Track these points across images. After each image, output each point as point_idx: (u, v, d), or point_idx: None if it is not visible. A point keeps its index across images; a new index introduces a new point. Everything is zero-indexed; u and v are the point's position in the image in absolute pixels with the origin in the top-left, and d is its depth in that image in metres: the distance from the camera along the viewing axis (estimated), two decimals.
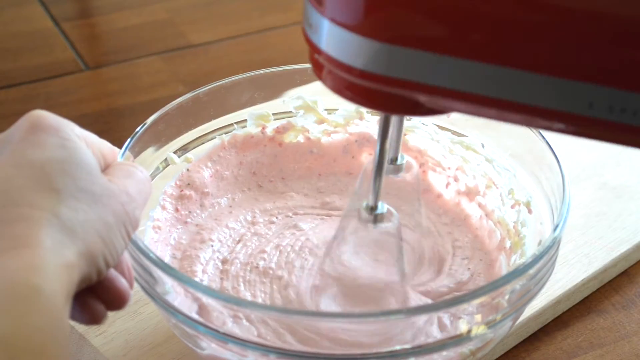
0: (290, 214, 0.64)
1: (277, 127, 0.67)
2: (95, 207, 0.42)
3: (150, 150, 0.61)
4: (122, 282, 0.46)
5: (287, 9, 1.07)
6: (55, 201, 0.41)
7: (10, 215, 0.40)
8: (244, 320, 0.51)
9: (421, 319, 0.52)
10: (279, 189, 0.67)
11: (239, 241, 0.61)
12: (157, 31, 1.02)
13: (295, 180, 0.68)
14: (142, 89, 0.91)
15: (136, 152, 0.58)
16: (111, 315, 0.60)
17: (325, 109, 0.68)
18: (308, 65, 0.67)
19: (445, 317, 0.52)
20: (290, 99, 0.67)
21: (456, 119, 0.67)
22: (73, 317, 0.44)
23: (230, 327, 0.51)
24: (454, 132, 0.66)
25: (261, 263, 0.59)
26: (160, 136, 0.61)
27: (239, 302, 0.52)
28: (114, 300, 0.46)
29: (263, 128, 0.67)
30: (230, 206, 0.65)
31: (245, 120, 0.67)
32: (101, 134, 0.84)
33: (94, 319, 0.45)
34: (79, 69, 0.95)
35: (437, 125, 0.67)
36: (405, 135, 0.67)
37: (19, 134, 0.43)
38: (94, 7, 1.09)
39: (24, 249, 0.38)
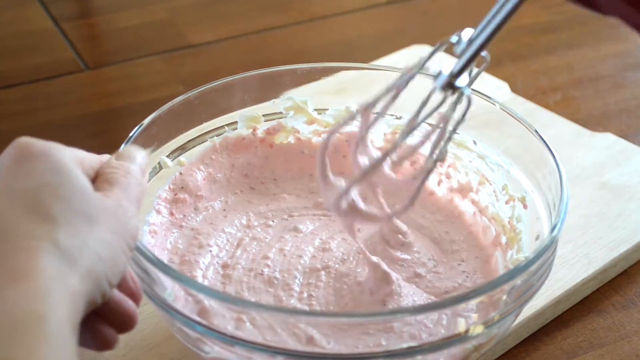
0: (285, 217, 0.64)
1: (268, 129, 0.67)
2: (92, 228, 0.42)
3: None
4: (129, 303, 0.45)
5: (287, 9, 1.07)
6: (51, 228, 0.40)
7: (8, 248, 0.39)
8: (248, 324, 0.51)
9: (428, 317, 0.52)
10: (271, 190, 0.67)
11: (237, 246, 0.61)
12: (157, 31, 1.02)
13: (287, 181, 0.68)
14: (142, 89, 0.91)
15: None
16: None
17: (315, 110, 0.68)
18: (300, 66, 0.68)
19: (449, 314, 0.52)
20: (280, 100, 0.67)
21: (452, 118, 0.66)
22: (84, 344, 0.44)
23: (233, 331, 0.51)
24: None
25: (266, 270, 0.59)
26: (153, 139, 0.61)
27: (245, 304, 0.52)
28: (123, 321, 0.45)
29: (254, 130, 0.67)
30: (225, 209, 0.65)
31: (236, 122, 0.67)
32: (101, 134, 0.86)
33: (105, 344, 0.45)
34: (79, 69, 0.95)
35: (427, 124, 0.67)
36: (395, 134, 0.68)
37: (7, 163, 0.43)
38: (94, 7, 1.09)
39: (26, 280, 0.38)
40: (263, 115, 0.67)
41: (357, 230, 0.63)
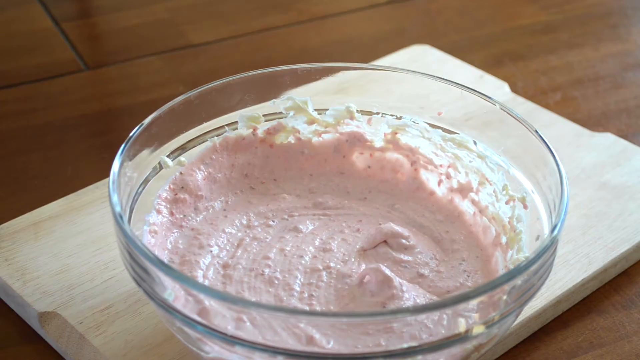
0: (285, 217, 0.64)
1: (268, 129, 0.67)
2: None
3: (144, 153, 0.61)
4: None
5: (287, 9, 1.07)
6: None
7: None
8: (248, 324, 0.51)
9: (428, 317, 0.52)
10: (271, 190, 0.67)
11: (238, 246, 0.61)
12: (157, 31, 1.02)
13: (287, 181, 0.68)
14: (142, 89, 0.91)
15: (131, 155, 0.59)
16: (111, 315, 0.60)
17: (316, 109, 0.68)
18: (300, 66, 0.68)
19: (449, 314, 0.52)
20: (280, 99, 0.67)
21: (452, 118, 0.67)
22: None
23: (233, 331, 0.50)
24: (445, 130, 0.67)
25: (266, 270, 0.59)
26: (153, 139, 0.61)
27: (245, 303, 0.51)
28: None
29: (254, 130, 0.67)
30: (225, 209, 0.65)
31: (236, 122, 0.67)
32: (101, 134, 0.86)
33: None
34: (79, 69, 0.95)
35: (427, 123, 0.67)
36: (395, 134, 0.68)
37: None
38: (94, 7, 1.09)
39: None
40: (263, 115, 0.67)
41: (357, 231, 0.63)
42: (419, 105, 0.67)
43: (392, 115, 0.68)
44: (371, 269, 0.57)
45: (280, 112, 0.68)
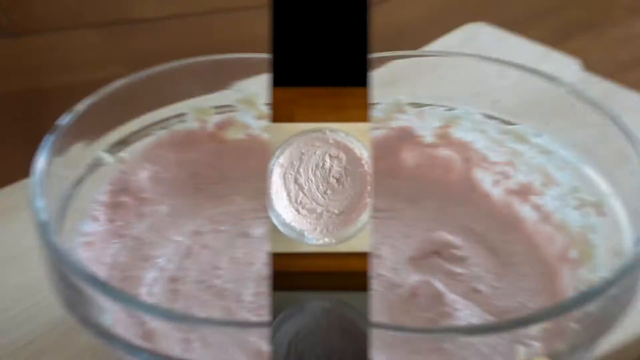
0: (237, 221, 0.67)
1: (218, 123, 0.70)
2: None
3: (77, 147, 0.62)
4: None
5: None
6: None
7: None
8: (197, 343, 0.53)
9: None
10: (221, 191, 0.69)
11: (186, 255, 0.64)
12: None
13: (238, 181, 0.70)
14: (72, 67, 0.93)
15: (60, 149, 0.60)
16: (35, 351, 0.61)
17: (266, 104, 0.70)
18: (255, 55, 0.69)
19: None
20: (231, 91, 0.69)
21: (511, 107, 0.69)
22: None
23: (181, 354, 0.52)
24: (502, 121, 0.69)
25: (217, 282, 0.61)
26: (88, 130, 0.63)
27: (194, 320, 0.53)
28: None
29: (204, 123, 0.70)
30: (172, 214, 0.67)
31: (184, 114, 0.69)
32: (20, 121, 0.86)
33: None
34: None
35: (482, 114, 0.69)
36: (447, 127, 0.70)
37: None
38: None
39: None
40: (214, 107, 0.70)
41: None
42: (473, 93, 0.69)
43: (442, 107, 0.70)
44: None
45: (232, 105, 0.70)
